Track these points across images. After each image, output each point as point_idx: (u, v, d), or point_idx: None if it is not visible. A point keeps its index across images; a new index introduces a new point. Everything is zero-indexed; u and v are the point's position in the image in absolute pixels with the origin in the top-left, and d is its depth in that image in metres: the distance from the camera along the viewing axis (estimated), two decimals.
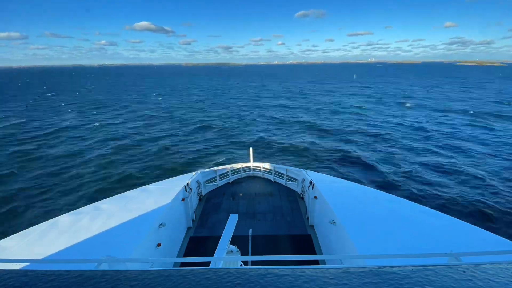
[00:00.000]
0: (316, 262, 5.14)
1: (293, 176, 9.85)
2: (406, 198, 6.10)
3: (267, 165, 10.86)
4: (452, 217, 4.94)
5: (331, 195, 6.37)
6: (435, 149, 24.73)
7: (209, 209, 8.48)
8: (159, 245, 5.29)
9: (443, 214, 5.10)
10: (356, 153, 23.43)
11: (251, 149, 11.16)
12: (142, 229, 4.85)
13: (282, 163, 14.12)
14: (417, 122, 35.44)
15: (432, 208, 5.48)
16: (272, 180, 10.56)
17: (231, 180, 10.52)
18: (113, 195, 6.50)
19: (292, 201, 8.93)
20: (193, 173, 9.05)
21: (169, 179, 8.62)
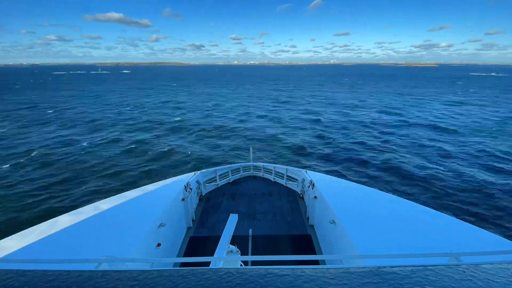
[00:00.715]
0: (316, 262, 5.14)
1: (293, 176, 9.85)
2: (406, 198, 6.10)
3: (267, 165, 10.86)
4: (452, 217, 4.94)
5: (331, 195, 6.37)
6: None
7: (209, 209, 8.48)
8: (159, 245, 5.29)
9: (443, 214, 5.10)
10: None
11: (251, 148, 11.17)
12: (142, 229, 4.85)
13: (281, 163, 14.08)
14: None
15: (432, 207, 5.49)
16: (272, 180, 10.56)
17: (231, 180, 10.52)
18: (113, 195, 6.50)
19: (292, 201, 8.93)
20: (193, 173, 9.05)
21: (169, 179, 8.63)
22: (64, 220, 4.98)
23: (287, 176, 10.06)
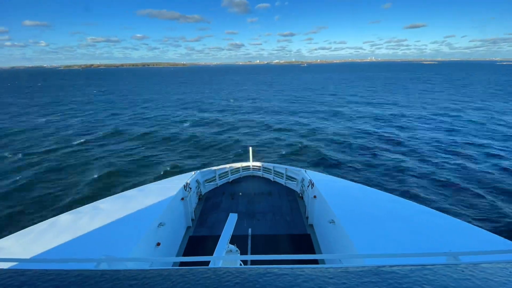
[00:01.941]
0: (315, 262, 5.15)
1: (292, 175, 9.86)
2: (405, 198, 6.12)
3: (266, 165, 10.87)
4: (451, 217, 4.96)
5: (331, 195, 6.38)
6: None
7: (208, 209, 8.48)
8: (158, 244, 5.29)
9: (442, 213, 5.12)
10: None
11: (250, 148, 11.17)
12: (141, 229, 4.85)
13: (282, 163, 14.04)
14: None
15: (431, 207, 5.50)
16: (272, 179, 10.57)
17: (230, 180, 10.52)
18: (112, 194, 6.50)
19: (292, 200, 8.94)
20: (193, 172, 9.05)
21: (169, 178, 8.63)
22: (63, 220, 4.97)
23: (287, 175, 10.06)
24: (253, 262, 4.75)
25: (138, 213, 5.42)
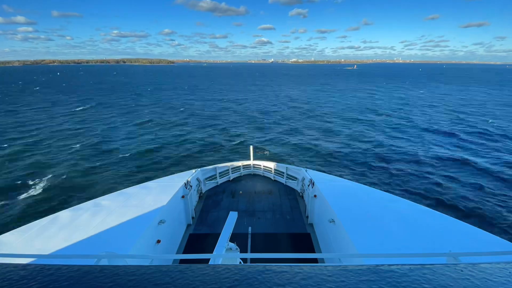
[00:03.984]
0: (314, 260, 5.16)
1: (293, 174, 9.86)
2: (406, 198, 6.10)
3: (267, 164, 10.87)
4: (451, 217, 4.95)
5: (331, 194, 6.38)
6: None
7: (209, 207, 8.51)
8: (158, 241, 5.32)
9: (442, 214, 5.11)
10: None
11: (251, 147, 11.17)
12: (142, 226, 4.87)
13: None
14: None
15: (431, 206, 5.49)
16: (272, 178, 10.57)
17: (231, 178, 10.53)
18: (114, 191, 6.52)
19: (292, 199, 8.95)
20: (193, 170, 9.07)
21: (169, 176, 8.65)
22: (64, 216, 5.00)
23: (287, 174, 10.06)
24: (253, 260, 4.77)
25: (139, 210, 5.45)
